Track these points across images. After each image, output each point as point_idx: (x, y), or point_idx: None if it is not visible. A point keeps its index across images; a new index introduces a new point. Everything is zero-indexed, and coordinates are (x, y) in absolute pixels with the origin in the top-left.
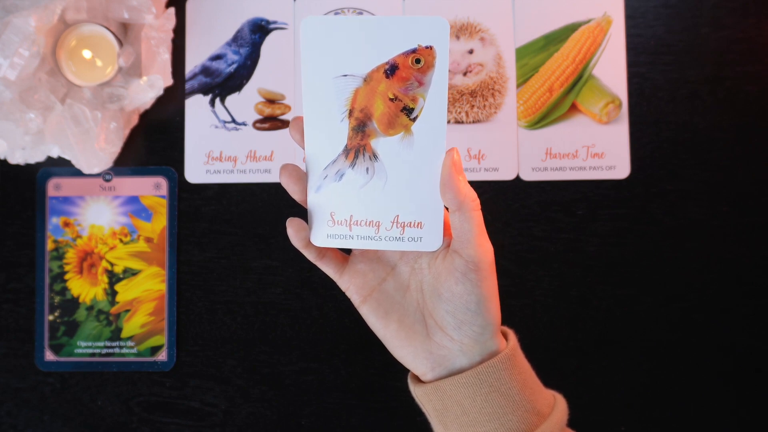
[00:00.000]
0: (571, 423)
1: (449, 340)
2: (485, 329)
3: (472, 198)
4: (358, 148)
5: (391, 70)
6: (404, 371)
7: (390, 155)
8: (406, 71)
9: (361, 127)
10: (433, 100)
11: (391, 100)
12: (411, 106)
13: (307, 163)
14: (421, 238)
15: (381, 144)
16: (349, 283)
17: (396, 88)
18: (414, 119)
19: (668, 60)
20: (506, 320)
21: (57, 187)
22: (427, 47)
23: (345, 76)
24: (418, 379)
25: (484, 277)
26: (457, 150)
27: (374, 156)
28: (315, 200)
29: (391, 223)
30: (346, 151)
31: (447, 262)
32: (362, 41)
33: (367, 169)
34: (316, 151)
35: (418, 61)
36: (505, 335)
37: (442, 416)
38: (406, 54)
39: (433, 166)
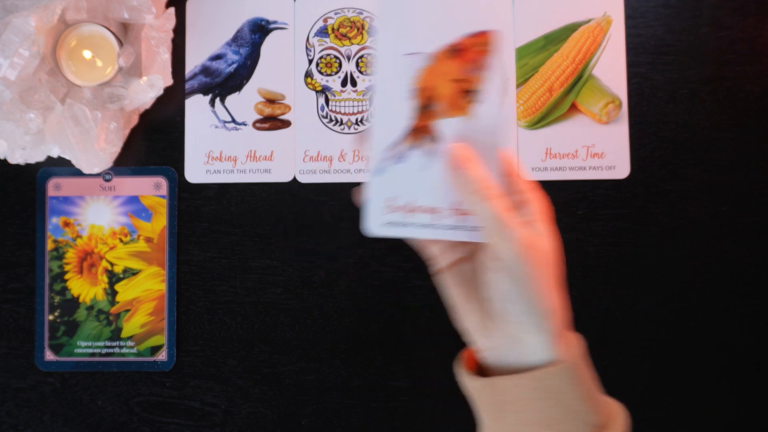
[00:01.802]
0: None
1: (507, 329)
2: (538, 327)
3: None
4: (420, 128)
5: (457, 51)
6: (404, 371)
7: (451, 138)
8: (472, 53)
9: (424, 107)
10: (497, 84)
11: (456, 81)
12: (474, 88)
13: (371, 144)
14: (478, 227)
15: (443, 126)
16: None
17: (461, 70)
18: (477, 102)
19: (668, 60)
20: None
21: (57, 187)
22: (492, 31)
23: (412, 54)
24: (469, 368)
25: (507, 266)
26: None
27: (436, 138)
28: (374, 184)
29: (450, 210)
30: (409, 131)
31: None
32: (432, 20)
33: (428, 151)
34: (380, 132)
35: (483, 44)
36: (570, 340)
37: (494, 410)
38: (473, 36)
39: (493, 151)
